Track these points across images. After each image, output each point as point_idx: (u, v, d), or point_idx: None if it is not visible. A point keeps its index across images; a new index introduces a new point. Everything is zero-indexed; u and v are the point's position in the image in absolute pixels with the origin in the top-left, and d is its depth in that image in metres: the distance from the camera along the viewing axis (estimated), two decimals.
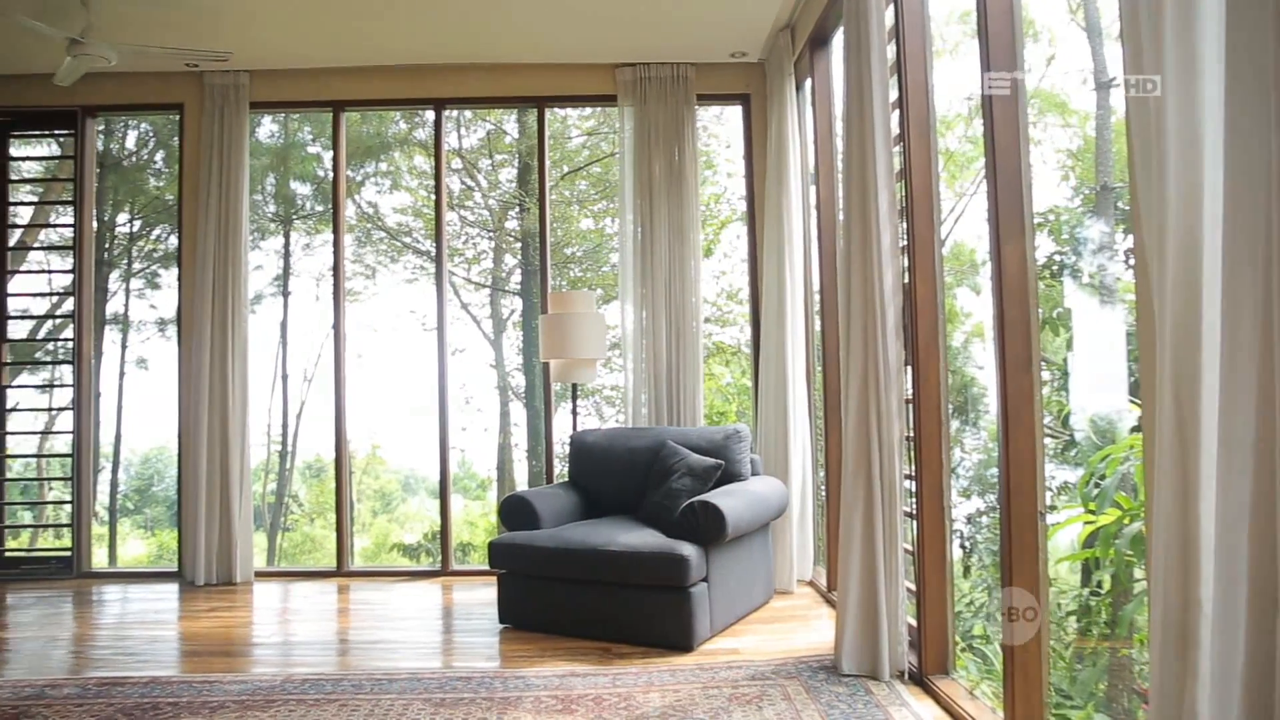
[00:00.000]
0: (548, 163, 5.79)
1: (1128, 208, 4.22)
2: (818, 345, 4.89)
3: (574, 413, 5.32)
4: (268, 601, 4.98)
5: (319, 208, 10.31)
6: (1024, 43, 2.77)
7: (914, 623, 3.26)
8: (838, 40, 4.41)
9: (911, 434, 3.28)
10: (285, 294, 10.14)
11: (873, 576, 3.20)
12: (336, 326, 5.70)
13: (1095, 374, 4.52)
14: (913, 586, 3.26)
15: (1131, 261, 4.05)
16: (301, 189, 10.41)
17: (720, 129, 9.61)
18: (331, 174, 6.06)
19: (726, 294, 9.75)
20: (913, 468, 3.24)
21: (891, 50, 3.34)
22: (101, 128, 8.98)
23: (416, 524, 11.12)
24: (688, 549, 3.67)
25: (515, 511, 4.28)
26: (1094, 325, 4.53)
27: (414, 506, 11.58)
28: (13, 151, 5.94)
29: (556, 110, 8.63)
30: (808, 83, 4.85)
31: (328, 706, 3.07)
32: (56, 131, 5.98)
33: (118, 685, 3.36)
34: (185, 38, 4.97)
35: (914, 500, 3.24)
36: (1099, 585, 3.52)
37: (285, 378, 10.26)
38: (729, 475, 4.28)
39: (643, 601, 3.75)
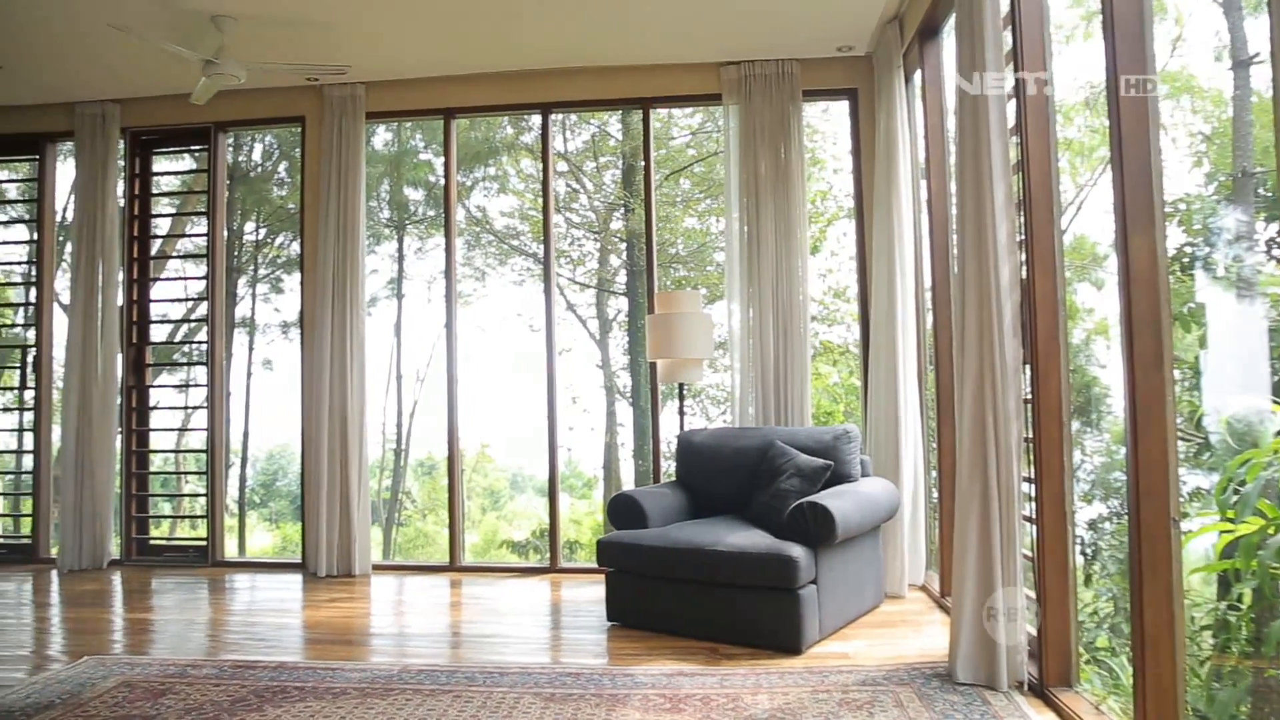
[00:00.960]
0: (653, 163, 5.80)
1: (1270, 194, 3.96)
2: (929, 344, 4.77)
3: (680, 412, 5.33)
4: (384, 594, 5.16)
5: (430, 212, 10.64)
6: (1152, 22, 2.63)
7: (1034, 632, 3.14)
8: (948, 30, 4.28)
9: (1030, 436, 3.15)
10: (399, 297, 10.51)
11: (989, 583, 3.09)
12: (449, 328, 5.86)
13: (1232, 373, 4.25)
14: (1032, 594, 3.14)
15: (1275, 252, 3.81)
16: (414, 195, 10.76)
17: (825, 125, 9.48)
18: (443, 180, 6.22)
19: (833, 292, 9.61)
20: (1031, 470, 3.12)
21: (1007, 37, 3.22)
22: (231, 142, 9.48)
23: (524, 521, 11.35)
24: (796, 550, 3.64)
25: (623, 510, 4.32)
26: (1230, 321, 4.26)
27: (521, 504, 11.82)
28: (154, 167, 6.33)
29: (660, 110, 8.66)
30: (917, 75, 4.72)
31: (443, 697, 3.16)
32: (192, 147, 6.35)
33: (249, 668, 3.55)
34: (307, 53, 5.21)
35: (1033, 504, 3.12)
36: (1238, 599, 3.30)
37: (400, 378, 10.62)
38: (838, 476, 4.22)
39: (750, 602, 3.73)
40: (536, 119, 6.18)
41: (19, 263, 6.54)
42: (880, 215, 4.85)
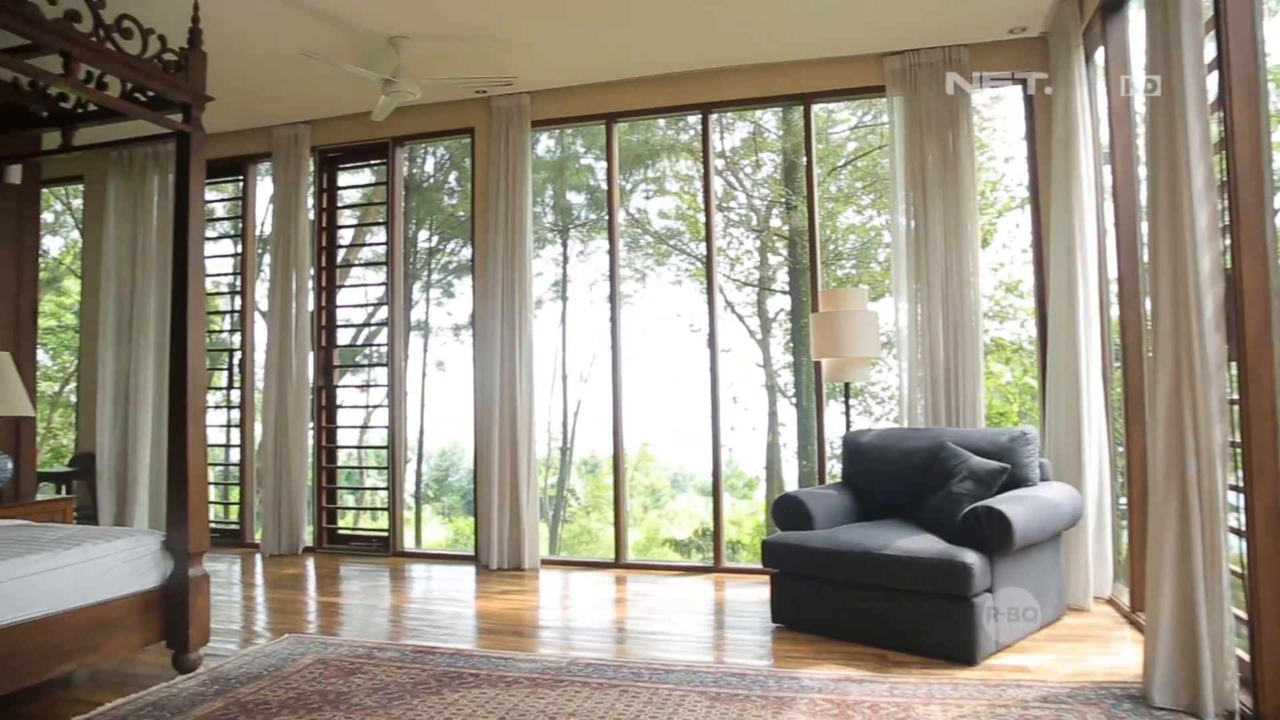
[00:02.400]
0: (815, 158, 5.70)
1: None
2: (1115, 340, 4.45)
3: (846, 412, 5.21)
4: (552, 588, 5.31)
5: (591, 216, 10.87)
6: None
7: (1246, 657, 2.86)
8: (1135, 2, 3.98)
9: (1236, 440, 2.88)
10: (563, 299, 10.80)
11: (1190, 600, 2.85)
12: (613, 330, 5.97)
13: None
14: (1243, 614, 2.87)
15: None
16: (576, 199, 11.03)
17: (995, 111, 9.04)
18: (605, 184, 6.34)
19: (1005, 287, 9.16)
20: (1240, 478, 2.85)
21: (1206, 2, 2.96)
22: (406, 155, 10.01)
23: (685, 520, 11.40)
24: (970, 556, 3.48)
25: (788, 511, 4.27)
26: None
27: (682, 503, 11.88)
28: (339, 181, 6.79)
29: (820, 105, 8.50)
30: (1099, 53, 4.42)
31: (610, 691, 3.22)
32: (372, 161, 6.76)
33: (429, 654, 3.74)
34: (476, 67, 5.45)
35: (1242, 515, 2.84)
36: None
37: (565, 378, 10.91)
38: (1015, 480, 4.01)
39: (921, 609, 3.60)
40: (693, 119, 6.18)
41: (225, 274, 7.15)
42: (1059, 204, 4.57)
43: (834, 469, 5.37)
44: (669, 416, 10.16)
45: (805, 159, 5.74)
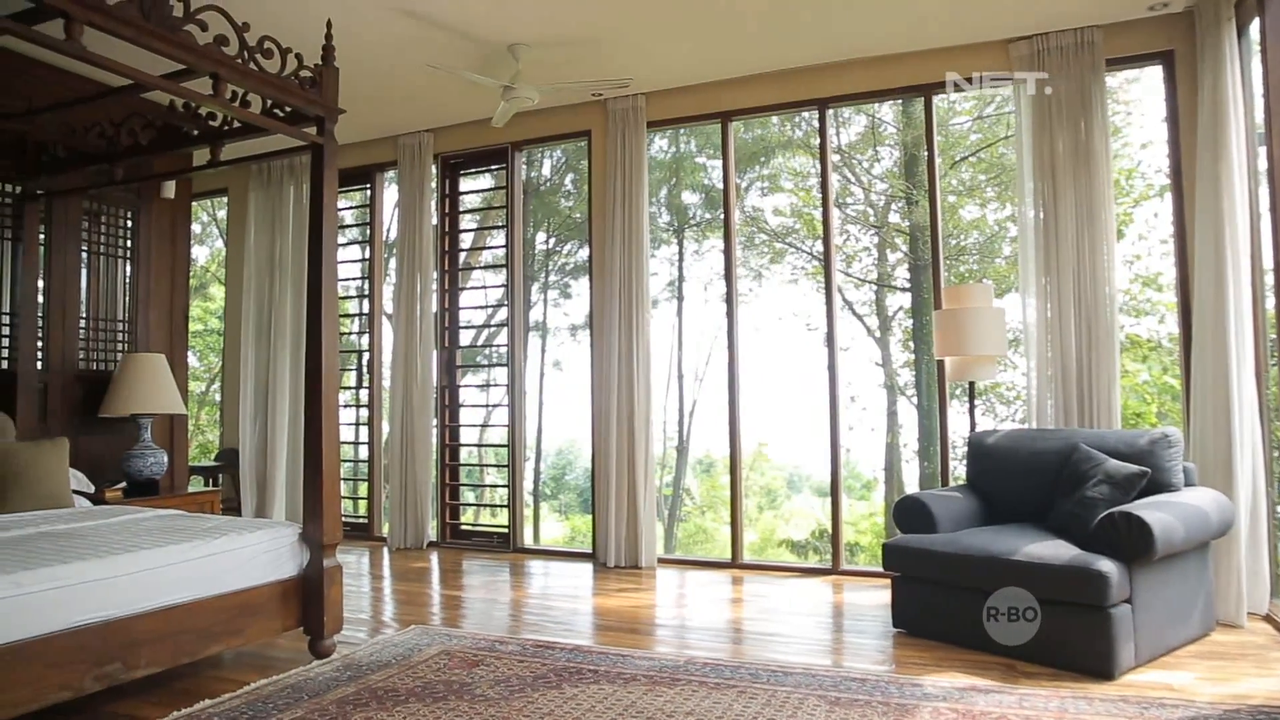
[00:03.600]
0: (936, 152, 5.53)
1: None
2: (1270, 334, 4.15)
3: (971, 412, 5.04)
4: (668, 586, 5.33)
5: (706, 215, 10.86)
6: None
7: None
8: None
9: None
10: (679, 298, 10.83)
11: None
12: (730, 329, 5.94)
13: None
14: None
15: None
16: (690, 198, 11.04)
17: (1128, 94, 8.57)
18: (719, 183, 6.32)
19: (1141, 280, 8.67)
20: None
21: None
22: (524, 160, 10.24)
23: (801, 521, 11.27)
24: (1106, 565, 3.31)
25: (910, 513, 4.16)
26: None
27: (798, 504, 11.74)
28: (461, 187, 7.01)
29: (941, 96, 8.23)
30: (1252, 26, 4.13)
31: (727, 691, 3.21)
32: (491, 166, 6.94)
33: (548, 648, 3.81)
34: (592, 71, 5.52)
35: None
36: None
37: (681, 377, 10.94)
38: (1156, 485, 3.79)
39: (1052, 619, 3.44)
40: (809, 114, 6.10)
41: (353, 279, 7.47)
42: (1205, 191, 4.29)
43: (957, 471, 5.21)
44: (785, 416, 10.07)
45: (926, 152, 5.57)
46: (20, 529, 3.66)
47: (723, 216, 6.06)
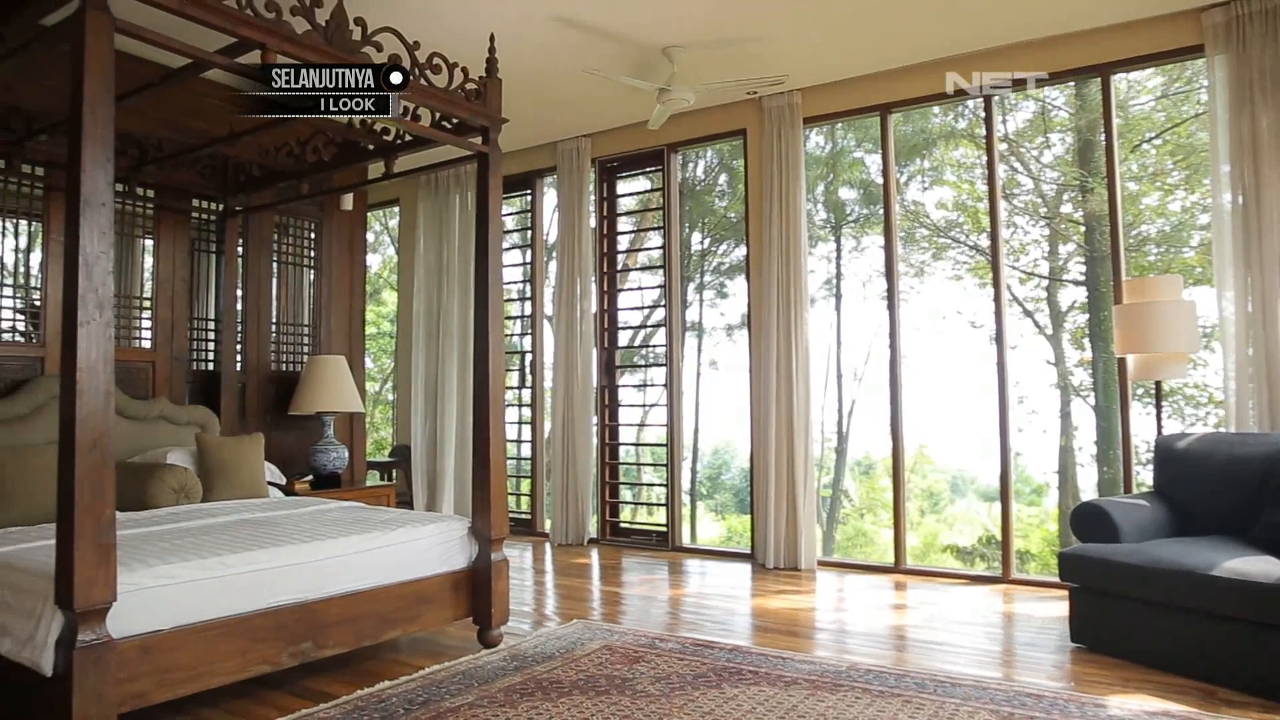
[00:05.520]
0: (1115, 135, 5.17)
1: None
2: None
3: (1158, 414, 4.69)
4: (828, 589, 5.24)
5: (864, 211, 10.59)
6: None
7: None
8: None
9: None
10: (836, 296, 10.61)
11: None
12: (892, 328, 5.76)
13: None
14: None
15: None
16: (848, 194, 10.80)
17: None
18: (878, 178, 6.15)
19: None
20: None
21: None
22: (679, 160, 10.31)
23: (965, 526, 10.81)
24: None
25: (1090, 521, 3.90)
26: None
27: (962, 508, 11.27)
28: (618, 190, 7.14)
29: (1120, 76, 7.71)
30: None
31: (892, 700, 3.12)
32: (647, 169, 7.02)
33: (707, 648, 3.82)
34: (748, 69, 5.49)
35: None
36: None
37: (839, 376, 10.72)
38: None
39: (1259, 642, 3.14)
40: (973, 102, 5.84)
41: (515, 282, 7.73)
42: None
43: (1140, 477, 4.85)
44: (947, 417, 9.68)
45: (1104, 136, 5.22)
46: (224, 515, 4.01)
47: (882, 212, 5.89)
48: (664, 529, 6.58)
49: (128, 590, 2.63)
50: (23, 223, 4.71)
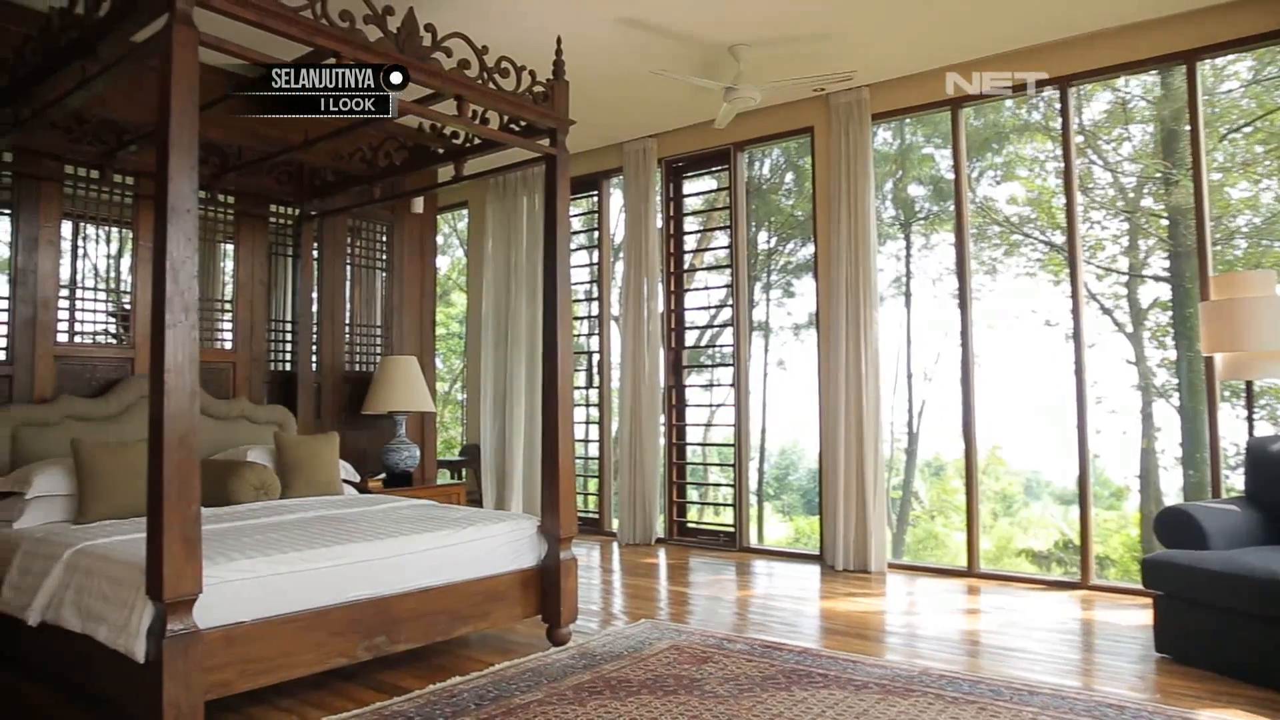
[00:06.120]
0: (1201, 124, 4.98)
1: None
2: None
3: (1249, 415, 4.50)
4: (898, 592, 5.15)
5: (934, 208, 10.39)
6: None
7: None
8: None
9: None
10: (906, 294, 10.43)
11: None
12: (964, 327, 5.64)
13: None
14: None
15: None
16: (917, 191, 10.61)
17: None
18: (949, 174, 6.03)
19: None
20: None
21: None
22: (746, 159, 10.26)
23: (1040, 530, 10.53)
24: None
25: (1175, 527, 3.77)
26: None
27: (1036, 511, 10.98)
28: (684, 189, 7.14)
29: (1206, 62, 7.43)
30: None
31: (966, 707, 3.06)
32: (713, 168, 7.00)
33: (776, 649, 3.79)
34: (814, 66, 5.44)
35: None
36: None
37: (909, 376, 10.54)
38: None
39: None
40: (1048, 94, 5.69)
41: (582, 283, 7.78)
42: None
43: (1230, 481, 4.66)
44: (1021, 418, 9.44)
45: (1189, 126, 5.03)
46: (302, 512, 4.12)
47: (953, 208, 5.78)
48: (731, 529, 6.55)
49: (212, 583, 2.72)
50: (114, 230, 4.92)
